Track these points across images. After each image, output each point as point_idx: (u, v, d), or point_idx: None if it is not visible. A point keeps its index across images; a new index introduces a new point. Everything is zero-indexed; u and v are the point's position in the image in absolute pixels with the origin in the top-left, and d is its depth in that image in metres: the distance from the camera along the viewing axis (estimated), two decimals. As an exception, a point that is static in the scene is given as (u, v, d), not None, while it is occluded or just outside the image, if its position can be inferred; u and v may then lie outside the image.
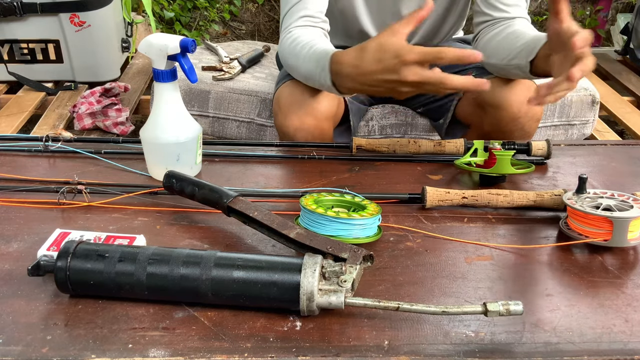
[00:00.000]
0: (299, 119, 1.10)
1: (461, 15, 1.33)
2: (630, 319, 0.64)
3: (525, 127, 1.15)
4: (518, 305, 0.58)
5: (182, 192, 0.81)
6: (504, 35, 1.12)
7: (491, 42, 1.15)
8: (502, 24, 1.15)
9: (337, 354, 0.58)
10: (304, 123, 1.10)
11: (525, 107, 1.12)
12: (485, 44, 1.16)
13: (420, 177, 0.97)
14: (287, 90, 1.14)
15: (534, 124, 1.16)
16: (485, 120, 1.11)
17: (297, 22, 1.12)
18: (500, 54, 1.12)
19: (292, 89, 1.13)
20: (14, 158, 1.00)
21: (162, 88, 0.89)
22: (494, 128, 1.12)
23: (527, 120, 1.14)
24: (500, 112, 1.13)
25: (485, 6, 1.17)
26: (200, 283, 0.62)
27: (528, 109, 1.12)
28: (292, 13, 1.12)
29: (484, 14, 1.17)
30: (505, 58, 1.10)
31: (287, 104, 1.12)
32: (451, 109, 1.30)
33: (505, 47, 1.10)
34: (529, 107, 1.12)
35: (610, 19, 3.20)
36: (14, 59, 2.12)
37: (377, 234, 0.76)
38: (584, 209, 0.76)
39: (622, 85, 2.32)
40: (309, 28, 1.12)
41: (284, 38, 1.12)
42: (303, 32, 1.10)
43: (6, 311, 0.63)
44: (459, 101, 1.28)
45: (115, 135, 1.85)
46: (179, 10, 3.06)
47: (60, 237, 0.73)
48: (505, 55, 1.10)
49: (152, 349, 0.58)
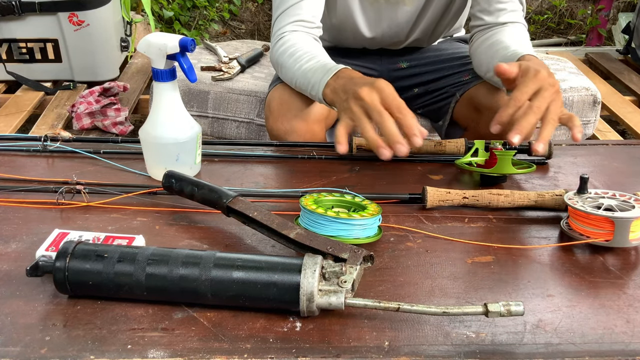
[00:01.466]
0: (289, 123, 1.11)
1: (456, 15, 1.33)
2: (632, 319, 0.64)
3: None
4: (519, 306, 0.58)
5: (181, 192, 0.81)
6: (488, 44, 1.12)
7: (478, 50, 1.15)
8: (493, 30, 1.14)
9: (337, 355, 0.58)
10: (294, 126, 1.11)
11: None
12: (474, 50, 1.17)
13: (420, 177, 0.96)
14: (278, 94, 1.14)
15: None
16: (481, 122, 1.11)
17: (289, 27, 1.11)
18: (482, 65, 1.12)
19: (283, 92, 1.14)
20: (13, 158, 0.99)
21: (162, 88, 0.89)
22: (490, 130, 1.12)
23: None
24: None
25: (479, 10, 1.16)
26: (199, 283, 0.61)
27: None
28: (285, 16, 1.12)
29: (477, 18, 1.17)
30: (487, 72, 1.10)
31: (278, 107, 1.13)
32: (449, 111, 1.30)
33: (485, 59, 1.11)
34: None
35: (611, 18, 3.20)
36: (13, 58, 2.12)
37: (377, 235, 0.76)
38: (585, 209, 0.76)
39: (623, 84, 2.32)
40: (301, 34, 1.11)
41: (276, 43, 1.11)
42: (296, 39, 1.09)
43: (4, 312, 0.63)
44: (456, 104, 1.28)
45: (114, 135, 1.84)
46: (178, 10, 3.06)
47: (58, 237, 0.72)
48: (485, 68, 1.11)
49: (151, 349, 0.58)
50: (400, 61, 1.38)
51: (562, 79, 1.70)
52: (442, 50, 1.38)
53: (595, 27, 3.10)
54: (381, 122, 0.81)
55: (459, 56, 1.33)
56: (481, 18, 1.16)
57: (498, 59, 1.05)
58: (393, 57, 1.37)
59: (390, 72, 1.37)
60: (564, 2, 3.34)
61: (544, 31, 3.39)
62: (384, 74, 1.36)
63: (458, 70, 1.28)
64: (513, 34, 1.12)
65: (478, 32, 1.17)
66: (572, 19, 3.38)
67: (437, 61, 1.36)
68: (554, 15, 3.39)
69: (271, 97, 1.16)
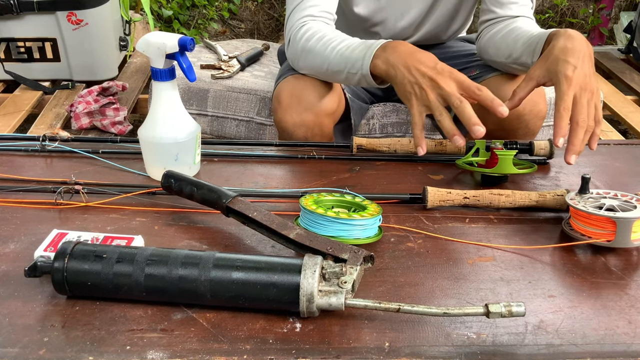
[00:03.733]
0: (299, 115, 1.10)
1: (470, 14, 1.33)
2: (634, 320, 0.63)
3: (529, 125, 1.14)
4: (520, 307, 0.58)
5: (180, 192, 0.80)
6: (506, 32, 1.12)
7: (494, 39, 1.15)
8: (506, 22, 1.15)
9: (338, 356, 0.57)
10: (303, 119, 1.10)
11: (530, 105, 1.11)
12: (488, 40, 1.17)
13: (421, 177, 0.96)
14: (288, 86, 1.13)
15: (538, 121, 1.15)
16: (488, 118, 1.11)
17: (308, 17, 1.10)
18: (503, 51, 1.12)
19: (293, 85, 1.13)
20: (11, 158, 0.99)
21: (161, 87, 0.89)
22: (498, 126, 1.11)
23: (532, 117, 1.13)
24: None
25: (492, 3, 1.17)
26: (199, 284, 0.61)
27: (533, 106, 1.12)
28: (300, 9, 1.11)
29: (490, 12, 1.18)
30: (509, 56, 1.10)
31: (287, 100, 1.12)
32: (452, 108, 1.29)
33: (508, 44, 1.10)
34: (534, 104, 1.12)
35: (613, 17, 3.19)
36: (11, 57, 2.11)
37: (377, 235, 0.76)
38: (586, 209, 0.75)
39: (625, 84, 2.32)
40: (322, 23, 1.11)
41: (298, 32, 1.10)
42: (320, 26, 1.09)
43: (3, 312, 0.62)
44: None
45: (113, 134, 1.84)
46: (177, 9, 3.05)
47: (57, 237, 0.72)
48: (508, 52, 1.10)
49: (150, 350, 0.57)
50: None
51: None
52: (448, 48, 1.37)
53: (596, 26, 3.09)
54: (462, 108, 0.87)
55: (465, 53, 1.33)
56: (493, 11, 1.17)
57: (522, 42, 1.06)
58: None
59: None
60: (565, 1, 3.33)
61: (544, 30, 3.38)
62: None
63: (464, 66, 1.28)
64: (528, 24, 1.13)
65: (488, 27, 1.18)
66: (574, 18, 3.37)
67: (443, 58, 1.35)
68: (555, 14, 3.38)
69: (280, 89, 1.14)
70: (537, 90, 1.11)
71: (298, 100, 1.10)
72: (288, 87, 1.13)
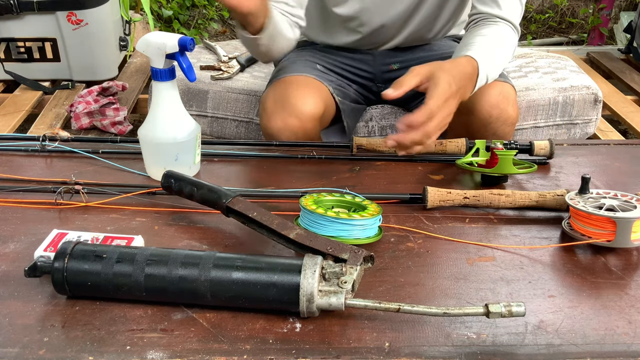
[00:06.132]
0: (282, 120, 1.10)
1: (455, 13, 1.32)
2: (634, 320, 0.63)
3: (498, 132, 1.14)
4: (520, 307, 0.58)
5: (180, 192, 0.80)
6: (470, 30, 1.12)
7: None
8: (482, 22, 1.13)
9: (338, 356, 0.57)
10: (287, 124, 1.10)
11: (496, 112, 1.11)
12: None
13: (421, 177, 0.96)
14: (272, 93, 1.15)
15: (507, 127, 1.14)
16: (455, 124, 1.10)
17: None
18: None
19: (276, 91, 1.14)
20: (11, 158, 0.99)
21: (161, 87, 0.89)
22: (466, 133, 1.10)
23: (500, 124, 1.13)
24: (470, 118, 1.12)
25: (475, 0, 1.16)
26: (199, 284, 0.61)
27: (499, 113, 1.11)
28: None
29: (473, 7, 1.17)
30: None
31: (271, 106, 1.13)
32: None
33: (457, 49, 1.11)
34: (501, 111, 1.12)
35: (613, 17, 3.19)
36: (11, 57, 2.11)
37: (377, 235, 0.76)
38: (586, 209, 0.75)
39: (625, 84, 2.31)
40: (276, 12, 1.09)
41: None
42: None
43: (3, 313, 0.62)
44: None
45: (113, 134, 1.84)
46: (177, 9, 3.05)
47: (57, 237, 0.72)
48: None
49: (150, 350, 0.57)
50: (392, 63, 1.37)
51: (562, 77, 1.70)
52: (434, 50, 1.36)
53: (596, 26, 3.09)
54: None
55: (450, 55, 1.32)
56: (475, 6, 1.15)
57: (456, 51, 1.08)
58: (385, 58, 1.36)
59: (383, 74, 1.36)
60: (565, 1, 3.33)
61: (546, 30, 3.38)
62: (378, 76, 1.35)
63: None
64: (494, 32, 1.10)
65: (471, 23, 1.17)
66: (574, 18, 3.37)
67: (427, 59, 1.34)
68: (555, 14, 3.38)
69: (265, 97, 1.16)
70: (505, 97, 1.12)
71: (282, 106, 1.11)
72: (272, 94, 1.14)
